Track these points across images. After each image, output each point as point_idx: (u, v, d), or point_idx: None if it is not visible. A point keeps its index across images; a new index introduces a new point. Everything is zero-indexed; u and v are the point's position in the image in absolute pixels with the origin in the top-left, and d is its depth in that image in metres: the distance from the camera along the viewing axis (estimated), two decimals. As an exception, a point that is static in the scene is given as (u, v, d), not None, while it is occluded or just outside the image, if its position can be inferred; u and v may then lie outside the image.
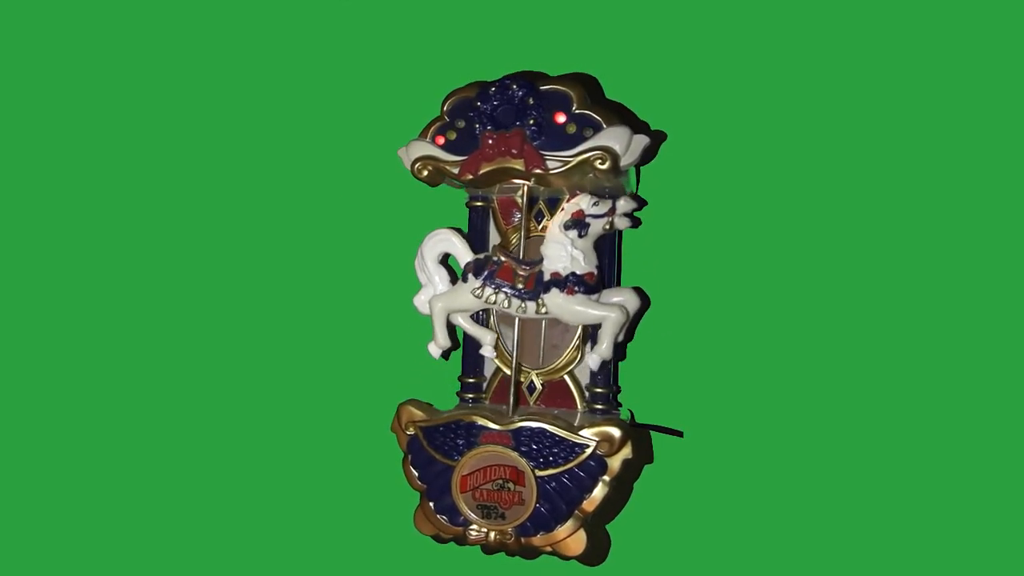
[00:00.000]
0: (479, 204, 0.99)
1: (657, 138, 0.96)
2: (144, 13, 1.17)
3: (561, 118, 0.87)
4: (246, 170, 1.15)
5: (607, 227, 0.90)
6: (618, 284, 0.97)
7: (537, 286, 0.91)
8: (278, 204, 1.14)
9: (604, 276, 0.93)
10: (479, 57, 1.03)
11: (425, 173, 0.92)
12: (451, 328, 0.97)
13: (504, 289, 0.92)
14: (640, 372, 0.99)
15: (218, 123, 1.15)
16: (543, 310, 0.91)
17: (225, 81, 1.15)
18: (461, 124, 0.91)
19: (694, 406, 0.98)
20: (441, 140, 0.92)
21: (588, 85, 0.92)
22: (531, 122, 0.88)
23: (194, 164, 1.16)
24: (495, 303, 0.92)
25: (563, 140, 0.87)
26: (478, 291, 0.92)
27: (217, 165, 1.16)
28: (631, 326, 0.95)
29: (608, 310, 0.89)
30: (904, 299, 0.94)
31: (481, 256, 0.94)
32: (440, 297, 0.95)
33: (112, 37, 1.18)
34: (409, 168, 0.93)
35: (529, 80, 0.88)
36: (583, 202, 0.90)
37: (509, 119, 0.89)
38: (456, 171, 0.91)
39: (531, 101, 0.88)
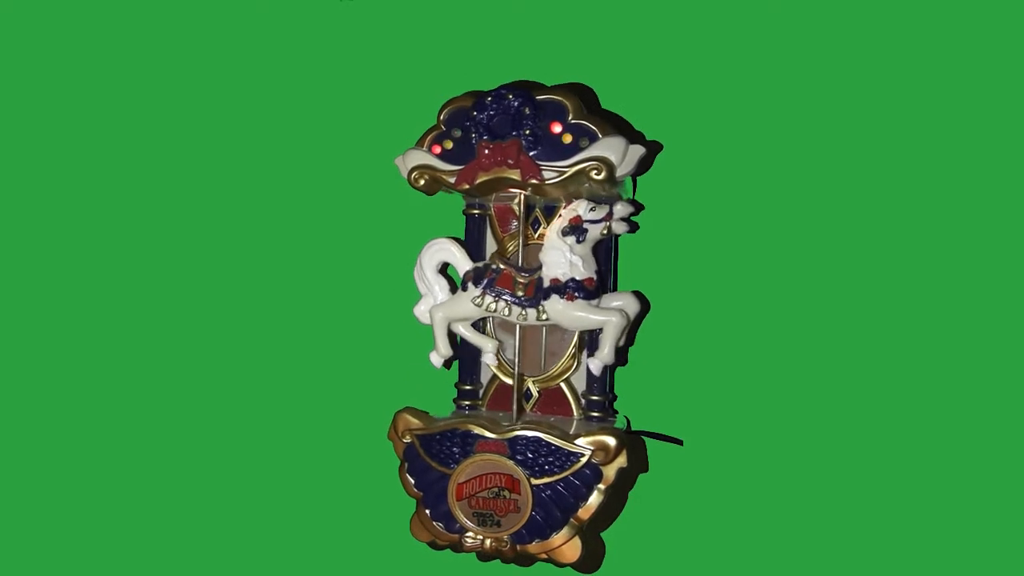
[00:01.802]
0: (476, 212, 1.00)
1: (653, 148, 0.97)
2: (141, 24, 1.17)
3: (557, 128, 0.88)
4: (245, 178, 1.15)
5: (604, 232, 0.90)
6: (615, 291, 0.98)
7: (537, 293, 0.91)
8: (276, 212, 1.14)
9: (603, 281, 0.94)
10: (476, 67, 1.04)
11: (422, 182, 0.93)
12: (452, 337, 0.97)
13: (504, 297, 0.92)
14: (636, 380, 1.00)
15: (217, 132, 1.16)
16: (543, 317, 0.91)
17: (224, 90, 1.15)
18: (457, 133, 0.92)
19: (689, 414, 0.98)
20: (438, 149, 0.92)
21: (584, 95, 0.92)
22: (527, 132, 0.88)
23: (193, 172, 1.16)
24: (495, 311, 0.92)
25: (559, 150, 0.88)
26: (478, 299, 0.93)
27: (216, 173, 1.16)
28: (631, 330, 0.95)
29: (609, 315, 0.90)
30: (902, 303, 0.94)
31: (480, 264, 0.94)
32: (440, 307, 0.95)
33: (109, 42, 1.18)
34: (406, 177, 0.93)
35: (525, 90, 0.89)
36: (580, 208, 0.90)
37: (505, 129, 0.89)
38: (452, 180, 0.91)
39: (527, 111, 0.88)
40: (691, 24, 1.01)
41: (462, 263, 0.95)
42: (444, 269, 0.98)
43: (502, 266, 0.93)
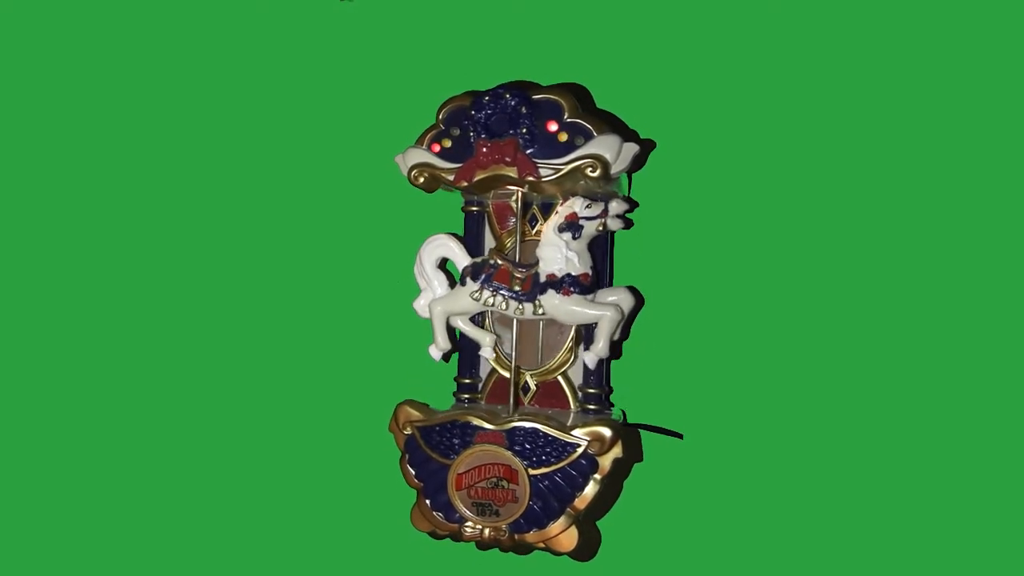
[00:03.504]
0: (474, 209, 1.01)
1: (647, 146, 0.98)
2: (141, 24, 1.18)
3: (553, 127, 0.89)
4: (246, 177, 1.16)
5: (600, 228, 0.92)
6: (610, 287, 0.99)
7: (534, 288, 0.93)
8: (277, 210, 1.15)
9: (599, 277, 0.95)
10: (474, 67, 1.04)
11: (421, 180, 0.94)
12: (451, 331, 0.99)
13: (502, 292, 0.94)
14: (632, 372, 1.01)
15: (217, 131, 1.17)
16: (540, 311, 0.93)
17: (224, 89, 1.17)
18: (456, 132, 0.93)
19: (683, 406, 1.00)
20: (437, 148, 0.94)
21: (579, 95, 0.93)
22: (524, 130, 0.89)
23: (192, 171, 1.18)
24: (493, 305, 0.94)
25: (555, 148, 0.89)
26: (476, 294, 0.94)
27: (216, 172, 1.17)
28: (626, 324, 0.96)
29: (604, 309, 0.91)
30: (897, 298, 0.95)
31: (479, 260, 0.96)
32: (439, 301, 0.97)
33: (109, 43, 1.19)
34: (406, 175, 0.95)
35: (522, 89, 0.90)
36: (576, 205, 0.92)
37: (503, 127, 0.90)
38: (451, 178, 0.93)
39: (524, 110, 0.89)
40: (684, 26, 1.02)
41: (461, 258, 0.97)
42: (443, 264, 0.99)
43: (500, 261, 0.95)
